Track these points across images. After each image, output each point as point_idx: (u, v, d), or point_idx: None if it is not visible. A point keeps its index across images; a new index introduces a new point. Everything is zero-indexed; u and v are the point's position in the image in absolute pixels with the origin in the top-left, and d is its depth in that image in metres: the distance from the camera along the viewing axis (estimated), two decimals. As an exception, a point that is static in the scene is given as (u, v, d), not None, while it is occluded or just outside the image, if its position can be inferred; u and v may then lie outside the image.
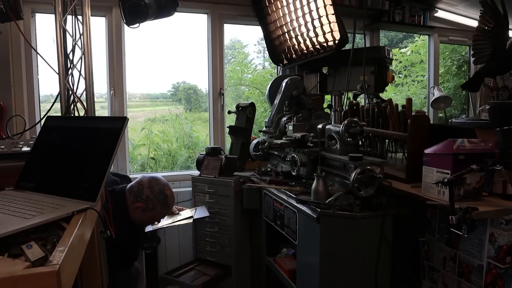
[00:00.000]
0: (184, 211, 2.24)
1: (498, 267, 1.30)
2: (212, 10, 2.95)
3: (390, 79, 2.55)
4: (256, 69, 4.52)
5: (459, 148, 1.37)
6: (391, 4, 3.32)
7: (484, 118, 2.44)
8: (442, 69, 4.79)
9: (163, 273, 2.37)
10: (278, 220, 1.94)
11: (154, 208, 1.87)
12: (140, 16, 1.71)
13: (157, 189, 1.88)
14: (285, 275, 1.93)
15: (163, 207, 1.90)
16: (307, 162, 1.81)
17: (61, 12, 1.49)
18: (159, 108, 4.33)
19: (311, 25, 2.62)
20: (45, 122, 1.31)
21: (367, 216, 1.53)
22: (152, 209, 1.87)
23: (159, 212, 1.90)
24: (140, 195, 1.85)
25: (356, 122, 1.63)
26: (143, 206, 1.84)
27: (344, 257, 1.56)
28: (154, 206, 1.86)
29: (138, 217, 1.87)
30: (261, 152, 2.26)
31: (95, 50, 1.54)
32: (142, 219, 1.90)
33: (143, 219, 1.91)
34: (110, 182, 1.91)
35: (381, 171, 1.53)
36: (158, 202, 1.87)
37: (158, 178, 1.92)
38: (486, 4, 1.97)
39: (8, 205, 0.94)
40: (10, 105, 2.41)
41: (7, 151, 1.37)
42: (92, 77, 1.52)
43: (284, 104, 2.24)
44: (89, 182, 1.04)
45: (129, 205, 1.85)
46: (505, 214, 1.29)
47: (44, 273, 0.62)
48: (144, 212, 1.86)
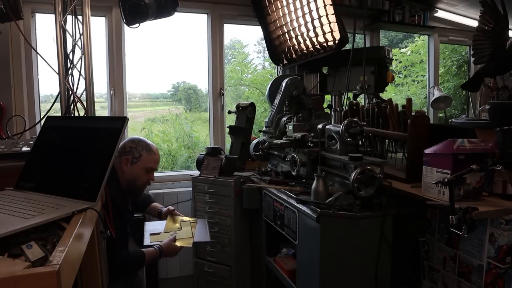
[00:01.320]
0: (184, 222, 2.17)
1: (498, 267, 1.30)
2: (212, 10, 2.95)
3: (390, 79, 2.55)
4: (256, 69, 4.52)
5: (459, 148, 1.37)
6: (391, 4, 3.32)
7: (484, 118, 2.44)
8: (442, 69, 4.79)
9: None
10: (278, 220, 1.94)
11: (140, 155, 1.92)
12: (140, 16, 1.71)
13: (137, 139, 1.99)
14: (285, 275, 1.93)
15: (148, 152, 1.95)
16: (307, 162, 1.81)
17: (61, 12, 1.49)
18: (159, 108, 4.33)
19: (311, 25, 2.62)
20: (45, 122, 1.31)
21: (367, 216, 1.53)
22: (139, 157, 1.92)
23: (146, 158, 1.93)
24: (124, 149, 1.93)
25: (356, 122, 1.63)
26: (129, 157, 1.91)
27: (344, 257, 1.56)
28: (140, 153, 1.92)
29: (129, 174, 1.90)
30: (261, 152, 2.26)
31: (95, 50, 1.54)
32: (134, 174, 1.91)
33: (135, 174, 1.92)
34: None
35: (381, 171, 1.53)
36: (142, 148, 1.94)
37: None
38: (486, 4, 1.97)
39: (8, 205, 0.94)
40: (10, 105, 2.41)
41: (7, 151, 1.37)
42: (92, 77, 1.52)
43: (284, 104, 2.24)
44: (89, 182, 1.04)
45: (118, 169, 1.90)
46: (505, 214, 1.29)
47: (44, 273, 0.62)
48: (133, 164, 1.91)
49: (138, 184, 1.96)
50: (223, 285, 2.42)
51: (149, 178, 1.99)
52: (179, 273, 2.81)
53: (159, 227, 2.12)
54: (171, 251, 1.92)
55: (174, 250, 1.93)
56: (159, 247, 1.90)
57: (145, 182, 1.98)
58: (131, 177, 1.92)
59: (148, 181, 1.99)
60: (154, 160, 1.99)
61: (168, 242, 1.94)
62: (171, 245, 1.93)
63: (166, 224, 2.13)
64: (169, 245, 1.92)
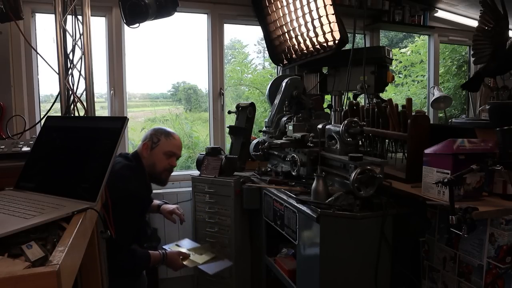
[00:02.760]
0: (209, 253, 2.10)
1: (498, 267, 1.30)
2: (212, 10, 2.95)
3: (390, 79, 2.55)
4: (256, 69, 4.52)
5: (459, 148, 1.37)
6: (391, 4, 3.32)
7: (484, 118, 2.44)
8: (442, 69, 4.79)
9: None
10: (278, 220, 1.94)
11: (159, 140, 1.96)
12: (140, 16, 1.71)
13: (157, 128, 2.05)
14: (285, 275, 1.93)
15: (167, 137, 1.98)
16: (307, 162, 1.81)
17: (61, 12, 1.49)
18: (159, 108, 4.33)
19: (311, 25, 2.62)
20: (45, 122, 1.31)
21: (367, 216, 1.53)
22: (157, 142, 1.95)
23: (164, 143, 1.96)
24: (145, 137, 2.00)
25: (356, 122, 1.63)
26: (149, 143, 1.95)
27: (344, 257, 1.56)
28: (159, 138, 1.96)
29: (149, 160, 1.93)
30: (261, 152, 2.26)
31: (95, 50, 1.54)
32: (153, 159, 1.94)
33: (155, 159, 1.94)
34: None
35: (381, 171, 1.53)
36: (160, 133, 1.98)
37: None
38: (486, 4, 1.97)
39: (8, 205, 0.94)
40: (10, 105, 2.41)
41: (7, 151, 1.37)
42: (92, 77, 1.52)
43: (284, 104, 2.24)
44: (89, 182, 1.04)
45: (142, 157, 1.94)
46: (505, 214, 1.29)
47: (44, 273, 0.62)
48: (152, 149, 1.94)
49: (158, 169, 1.96)
50: (223, 285, 2.42)
51: (170, 163, 1.99)
52: (179, 273, 2.80)
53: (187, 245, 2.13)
54: (173, 263, 1.91)
55: (176, 263, 1.91)
56: (164, 253, 1.89)
57: (165, 167, 1.98)
58: (151, 163, 1.94)
59: (169, 166, 1.99)
60: (173, 144, 1.99)
61: (176, 253, 1.95)
62: (175, 257, 1.92)
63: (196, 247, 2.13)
64: (174, 256, 1.92)
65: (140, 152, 1.96)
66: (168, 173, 2.02)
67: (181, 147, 2.07)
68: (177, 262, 1.92)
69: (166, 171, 2.00)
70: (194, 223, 2.47)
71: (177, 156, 2.03)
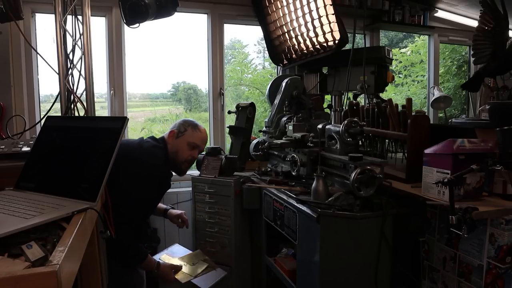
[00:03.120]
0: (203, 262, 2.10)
1: (498, 267, 1.30)
2: (212, 10, 2.95)
3: (390, 79, 2.55)
4: (256, 69, 4.52)
5: (459, 148, 1.37)
6: (391, 4, 3.32)
7: (484, 118, 2.44)
8: (442, 69, 4.79)
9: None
10: (278, 220, 1.94)
11: (185, 130, 2.00)
12: (140, 16, 1.71)
13: (188, 119, 2.10)
14: (285, 275, 1.93)
15: (194, 129, 2.01)
16: (307, 162, 1.81)
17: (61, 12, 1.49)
18: (159, 108, 4.33)
19: (311, 25, 2.62)
20: (45, 122, 1.31)
21: (367, 216, 1.53)
22: (184, 132, 1.99)
23: (190, 134, 1.99)
24: (174, 125, 2.05)
25: (356, 122, 1.63)
26: (176, 131, 2.00)
27: (344, 257, 1.56)
28: (185, 129, 2.00)
29: (173, 147, 1.97)
30: (261, 152, 2.26)
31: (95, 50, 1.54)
32: (177, 147, 1.97)
33: (178, 147, 1.97)
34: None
35: (381, 171, 1.53)
36: (188, 125, 2.02)
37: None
38: (486, 4, 1.97)
39: (8, 205, 0.94)
40: (10, 105, 2.41)
41: (7, 151, 1.37)
42: (92, 77, 1.52)
43: (284, 104, 2.24)
44: (89, 182, 1.04)
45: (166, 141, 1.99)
46: (505, 214, 1.29)
47: (44, 273, 0.62)
48: (177, 138, 1.98)
49: (179, 158, 1.98)
50: (223, 285, 2.42)
51: (192, 154, 2.01)
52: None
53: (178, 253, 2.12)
54: (164, 275, 1.91)
55: (167, 276, 1.91)
56: (158, 263, 1.90)
57: (186, 157, 2.00)
58: (174, 150, 1.97)
59: (190, 157, 2.01)
60: (198, 137, 2.02)
61: (169, 266, 1.95)
62: (167, 270, 1.92)
63: (188, 255, 2.13)
64: (166, 269, 1.92)
65: (166, 138, 2.00)
66: (188, 164, 2.05)
67: (205, 142, 2.10)
68: (169, 276, 1.92)
69: (187, 162, 2.02)
70: (194, 223, 2.47)
71: (200, 149, 2.05)
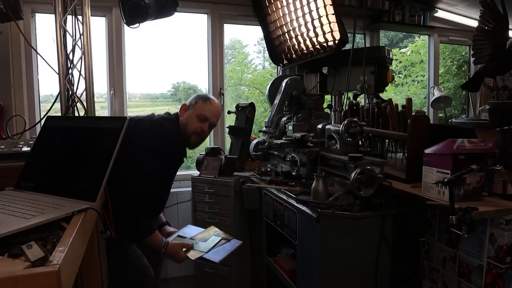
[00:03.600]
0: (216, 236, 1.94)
1: (498, 267, 1.30)
2: (212, 10, 2.95)
3: (390, 79, 2.55)
4: (256, 69, 4.53)
5: (459, 148, 1.37)
6: (391, 4, 3.32)
7: (484, 118, 2.44)
8: (442, 69, 4.79)
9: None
10: (278, 220, 1.94)
11: (196, 102, 1.96)
12: (140, 16, 1.71)
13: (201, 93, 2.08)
14: (285, 275, 1.93)
15: (204, 101, 1.96)
16: (307, 162, 1.81)
17: (61, 12, 1.49)
18: (159, 108, 4.32)
19: (311, 25, 2.62)
20: (45, 122, 1.31)
21: (367, 216, 1.53)
22: (194, 104, 1.95)
23: (200, 106, 1.94)
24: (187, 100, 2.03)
25: (356, 122, 1.63)
26: (187, 104, 1.98)
27: (344, 257, 1.55)
28: (196, 101, 1.96)
29: (183, 120, 1.94)
30: (261, 152, 2.26)
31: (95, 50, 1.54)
32: (187, 119, 1.93)
33: (188, 119, 1.93)
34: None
35: (381, 171, 1.53)
36: (199, 98, 1.98)
37: None
38: (486, 4, 1.97)
39: (8, 205, 0.95)
40: (10, 105, 2.41)
41: (7, 151, 1.37)
42: (92, 77, 1.53)
43: (284, 104, 2.24)
44: (89, 182, 1.04)
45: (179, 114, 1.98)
46: (505, 214, 1.29)
47: (44, 273, 0.62)
48: (187, 110, 1.96)
49: (188, 130, 1.92)
50: (223, 285, 2.42)
51: (202, 127, 1.93)
52: (179, 273, 2.81)
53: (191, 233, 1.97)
54: (174, 255, 1.76)
55: (178, 255, 1.76)
56: (166, 242, 1.77)
57: (195, 129, 1.92)
58: (184, 122, 1.93)
59: (199, 129, 1.93)
60: (208, 109, 1.95)
61: (179, 244, 1.79)
62: (176, 249, 1.77)
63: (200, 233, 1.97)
64: (175, 248, 1.77)
65: (178, 112, 1.99)
66: (197, 136, 1.96)
67: (217, 115, 2.01)
68: (179, 255, 1.76)
69: (196, 134, 1.94)
70: (194, 223, 2.47)
71: (210, 122, 1.96)
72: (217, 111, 2.01)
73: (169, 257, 1.80)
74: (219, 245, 1.85)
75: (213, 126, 2.02)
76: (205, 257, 1.77)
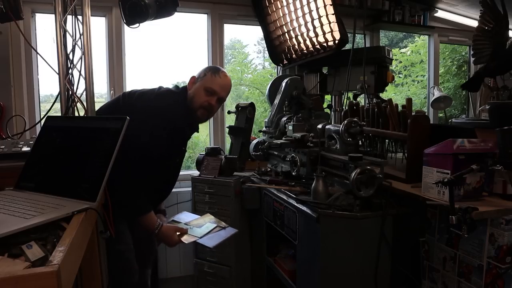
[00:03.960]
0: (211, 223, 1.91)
1: (498, 267, 1.30)
2: (212, 10, 2.95)
3: (390, 79, 2.55)
4: (256, 69, 4.53)
5: (459, 148, 1.37)
6: (391, 4, 3.32)
7: (484, 118, 2.44)
8: (442, 69, 4.79)
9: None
10: (278, 220, 1.94)
11: (205, 75, 1.87)
12: (140, 16, 1.71)
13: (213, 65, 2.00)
14: (285, 275, 1.93)
15: (213, 74, 1.86)
16: (307, 162, 1.81)
17: (61, 12, 1.49)
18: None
19: (311, 25, 2.62)
20: (45, 122, 1.31)
21: (367, 216, 1.53)
22: (203, 77, 1.86)
23: (209, 78, 1.85)
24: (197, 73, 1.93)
25: (356, 122, 1.63)
26: (196, 77, 1.90)
27: (344, 257, 1.56)
28: (205, 73, 1.87)
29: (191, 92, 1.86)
30: (261, 152, 2.26)
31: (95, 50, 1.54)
32: (194, 92, 1.85)
33: (195, 92, 1.85)
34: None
35: (381, 171, 1.53)
36: (208, 70, 1.89)
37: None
38: (486, 4, 1.97)
39: (8, 205, 0.95)
40: (10, 105, 2.41)
41: (7, 151, 1.37)
42: (92, 77, 1.52)
43: (284, 104, 2.24)
44: (89, 182, 1.04)
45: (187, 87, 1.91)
46: (505, 214, 1.29)
47: (44, 273, 0.62)
48: (195, 83, 1.88)
49: (194, 104, 1.83)
50: (223, 285, 2.42)
51: (208, 101, 1.83)
52: (179, 273, 2.81)
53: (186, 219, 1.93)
54: (168, 238, 1.72)
55: (171, 238, 1.72)
56: (160, 224, 1.72)
57: (201, 102, 1.83)
58: (191, 95, 1.85)
59: (207, 103, 1.83)
60: (217, 82, 1.84)
61: (172, 228, 1.75)
62: (170, 232, 1.73)
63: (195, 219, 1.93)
64: (169, 231, 1.72)
65: (187, 85, 1.92)
66: (204, 111, 1.85)
67: (226, 89, 1.92)
68: (173, 238, 1.72)
69: (203, 108, 1.84)
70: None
71: (218, 96, 1.85)
72: (226, 84, 1.90)
73: (162, 239, 1.75)
74: (214, 231, 1.83)
75: (222, 100, 1.93)
76: (199, 241, 1.75)
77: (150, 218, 1.69)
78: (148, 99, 1.78)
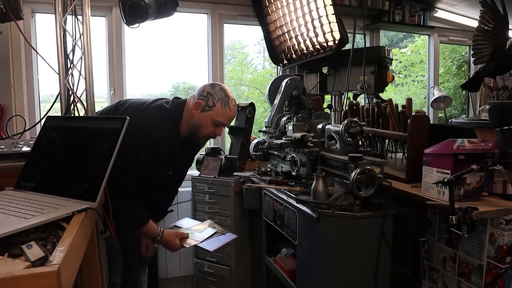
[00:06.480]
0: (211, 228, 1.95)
1: (498, 267, 1.30)
2: (212, 10, 2.95)
3: (390, 79, 2.55)
4: (256, 69, 4.52)
5: (459, 148, 1.37)
6: (391, 4, 3.32)
7: (484, 118, 2.44)
8: (442, 69, 4.79)
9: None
10: (278, 220, 1.94)
11: (214, 105, 1.74)
12: (140, 16, 1.70)
13: (218, 87, 1.79)
14: (285, 275, 1.93)
15: (224, 105, 1.76)
16: (307, 162, 1.81)
17: (61, 12, 1.49)
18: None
19: (311, 25, 2.62)
20: (45, 122, 1.31)
21: (367, 216, 1.53)
22: (212, 107, 1.74)
23: (219, 111, 1.75)
24: (201, 92, 1.77)
25: (356, 122, 1.63)
26: (203, 103, 1.74)
27: (344, 257, 1.56)
28: (214, 103, 1.74)
29: (196, 120, 1.75)
30: (261, 152, 2.25)
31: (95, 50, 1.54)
32: (201, 121, 1.75)
33: (202, 122, 1.76)
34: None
35: (381, 171, 1.53)
36: (219, 99, 1.75)
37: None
38: (486, 4, 1.97)
39: (8, 205, 0.95)
40: (10, 105, 2.41)
41: (7, 151, 1.37)
42: (92, 77, 1.52)
43: (284, 104, 2.24)
44: (89, 182, 1.04)
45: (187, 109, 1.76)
46: (505, 214, 1.29)
47: (44, 273, 0.62)
48: (203, 111, 1.74)
49: (200, 133, 1.78)
50: (223, 285, 2.42)
51: (215, 131, 1.80)
52: (179, 273, 2.81)
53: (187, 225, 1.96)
54: (169, 243, 1.75)
55: (173, 243, 1.75)
56: (161, 230, 1.74)
57: (208, 134, 1.80)
58: (197, 123, 1.75)
59: (213, 134, 1.81)
60: (227, 115, 1.79)
61: (174, 233, 1.78)
62: (171, 237, 1.76)
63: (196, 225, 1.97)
64: (170, 237, 1.75)
65: (188, 105, 1.77)
66: (207, 139, 1.87)
67: (232, 119, 1.89)
68: (174, 243, 1.75)
69: (207, 137, 1.84)
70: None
71: (225, 125, 1.85)
72: (234, 114, 1.87)
73: (164, 245, 1.78)
74: (214, 237, 1.87)
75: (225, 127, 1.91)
76: (200, 245, 1.81)
77: (149, 228, 1.72)
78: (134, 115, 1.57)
